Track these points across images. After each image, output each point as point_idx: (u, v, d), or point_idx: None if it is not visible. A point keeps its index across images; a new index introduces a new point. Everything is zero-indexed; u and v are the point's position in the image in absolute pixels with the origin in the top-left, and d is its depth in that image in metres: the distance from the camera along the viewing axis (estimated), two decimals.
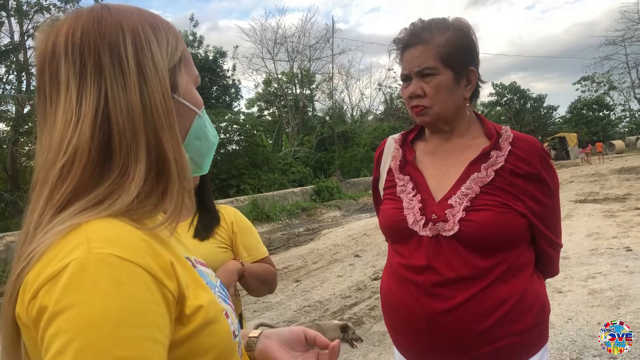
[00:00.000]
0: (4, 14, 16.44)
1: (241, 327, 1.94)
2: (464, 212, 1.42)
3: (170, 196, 0.77)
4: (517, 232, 1.45)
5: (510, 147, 1.48)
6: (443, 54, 1.46)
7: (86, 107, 0.72)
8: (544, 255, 1.55)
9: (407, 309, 1.48)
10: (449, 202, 1.46)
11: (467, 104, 1.54)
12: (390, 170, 1.65)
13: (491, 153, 1.48)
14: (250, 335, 1.04)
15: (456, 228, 1.41)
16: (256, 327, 3.48)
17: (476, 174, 1.46)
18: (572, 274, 6.23)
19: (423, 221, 1.47)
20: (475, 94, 1.56)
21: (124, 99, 0.73)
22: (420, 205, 1.49)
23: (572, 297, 5.37)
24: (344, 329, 3.61)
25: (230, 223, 2.01)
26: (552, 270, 1.62)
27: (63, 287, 0.62)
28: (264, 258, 2.05)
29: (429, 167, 1.58)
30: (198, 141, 0.87)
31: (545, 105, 55.35)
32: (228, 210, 2.06)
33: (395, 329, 1.58)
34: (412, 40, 1.50)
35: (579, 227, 9.54)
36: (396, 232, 1.55)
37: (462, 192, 1.45)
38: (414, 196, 1.52)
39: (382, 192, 1.69)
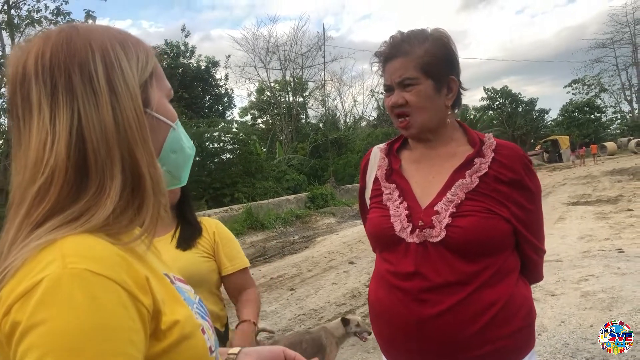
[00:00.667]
0: None
1: (227, 338, 1.96)
2: (450, 218, 1.45)
3: (146, 210, 0.78)
4: (501, 237, 1.48)
5: (493, 154, 1.51)
6: (423, 64, 1.49)
7: (60, 127, 0.72)
8: (528, 260, 1.57)
9: (396, 316, 1.50)
10: (435, 208, 1.48)
11: (449, 112, 1.57)
12: (376, 179, 1.68)
13: (475, 160, 1.51)
14: (229, 352, 1.04)
15: (443, 234, 1.44)
16: (257, 332, 3.51)
17: (461, 180, 1.49)
18: (565, 276, 6.26)
19: (410, 228, 1.49)
20: (457, 102, 1.60)
21: (97, 117, 0.73)
22: (407, 212, 1.52)
23: (564, 299, 5.39)
24: (345, 322, 3.66)
25: (212, 233, 2.06)
26: (537, 276, 1.65)
27: (36, 302, 0.62)
28: (245, 268, 2.10)
29: (414, 175, 1.60)
30: (174, 154, 0.88)
31: (537, 108, 55.54)
32: (210, 222, 2.12)
33: (384, 336, 1.60)
34: (392, 52, 1.54)
35: (572, 230, 9.59)
36: (383, 239, 1.57)
37: (448, 198, 1.48)
38: (400, 204, 1.55)
39: (368, 202, 1.72)
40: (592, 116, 54.96)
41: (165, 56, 27.26)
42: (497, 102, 54.92)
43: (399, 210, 1.53)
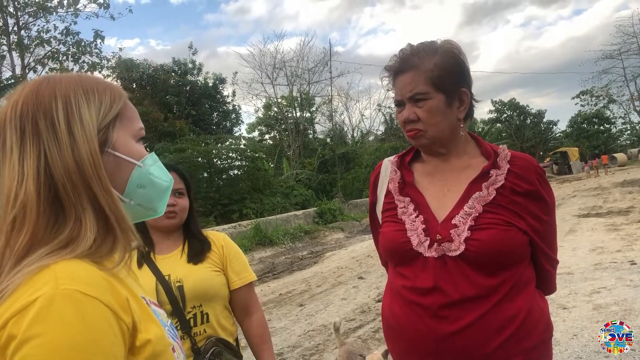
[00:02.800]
0: (5, 48, 16.67)
1: (239, 352, 1.98)
2: (469, 231, 1.42)
3: (118, 240, 0.87)
4: (520, 249, 1.46)
5: (508, 166, 1.49)
6: (433, 78, 1.47)
7: (28, 166, 0.82)
8: (543, 272, 1.55)
9: (413, 333, 1.47)
10: (453, 221, 1.46)
11: (462, 125, 1.55)
12: (388, 193, 1.65)
13: (491, 172, 1.49)
14: None
15: (462, 247, 1.41)
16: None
17: (478, 193, 1.47)
18: (577, 289, 6.19)
19: (428, 242, 1.46)
20: (469, 113, 1.57)
21: (60, 157, 0.83)
22: (424, 226, 1.49)
23: (577, 312, 5.33)
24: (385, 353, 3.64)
25: (221, 247, 2.08)
26: (550, 288, 1.62)
27: (32, 318, 0.70)
28: (251, 282, 2.11)
29: (428, 188, 1.58)
30: (142, 189, 0.95)
31: (545, 120, 55.51)
32: (217, 236, 2.14)
33: (401, 353, 1.57)
34: (402, 66, 1.52)
35: (583, 242, 9.50)
36: (400, 254, 1.54)
37: (465, 211, 1.46)
38: (416, 217, 1.52)
39: (380, 216, 1.69)
40: (602, 127, 54.78)
41: (173, 74, 27.52)
42: (505, 115, 54.94)
43: (415, 224, 1.51)
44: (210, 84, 29.23)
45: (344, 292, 8.10)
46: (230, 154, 21.56)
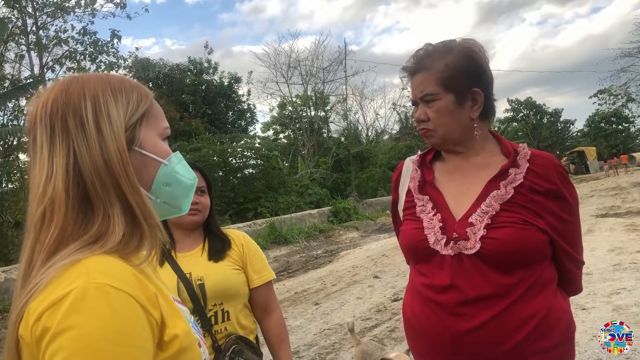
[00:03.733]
0: (24, 47, 16.88)
1: (259, 349, 1.98)
2: (485, 229, 1.42)
3: (145, 236, 0.89)
4: (538, 249, 1.45)
5: (528, 165, 1.49)
6: (443, 78, 1.48)
7: (57, 163, 0.85)
8: (566, 272, 1.54)
9: (430, 330, 1.48)
10: (470, 220, 1.46)
11: (476, 124, 1.54)
12: (409, 191, 1.66)
13: (509, 171, 1.49)
14: None
15: (478, 246, 1.41)
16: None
17: (496, 191, 1.47)
18: (596, 290, 6.13)
19: (444, 240, 1.47)
20: (488, 112, 1.56)
21: (89, 154, 0.85)
22: (441, 224, 1.50)
23: (596, 313, 5.27)
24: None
25: (241, 245, 2.10)
26: (576, 288, 1.62)
27: (65, 311, 0.73)
28: (270, 281, 2.13)
29: (447, 187, 1.58)
30: (168, 187, 0.97)
31: (562, 119, 54.96)
32: (237, 234, 2.15)
33: (420, 351, 1.58)
34: (416, 67, 1.55)
35: (601, 242, 9.39)
36: (418, 252, 1.55)
37: (483, 209, 1.46)
38: (434, 215, 1.53)
39: (401, 214, 1.70)
40: (620, 127, 54.07)
41: (189, 73, 27.68)
42: (522, 114, 54.44)
43: (432, 222, 1.52)
44: (226, 83, 29.37)
45: (359, 291, 8.08)
46: (246, 153, 21.64)
